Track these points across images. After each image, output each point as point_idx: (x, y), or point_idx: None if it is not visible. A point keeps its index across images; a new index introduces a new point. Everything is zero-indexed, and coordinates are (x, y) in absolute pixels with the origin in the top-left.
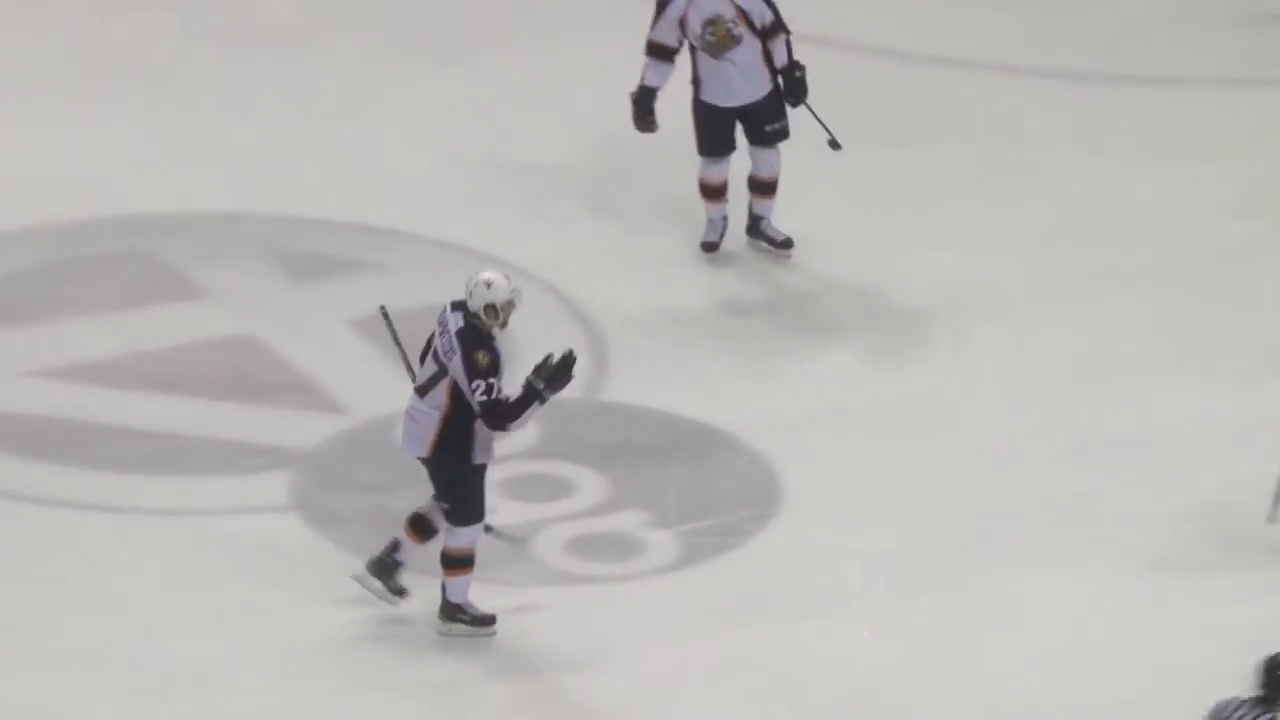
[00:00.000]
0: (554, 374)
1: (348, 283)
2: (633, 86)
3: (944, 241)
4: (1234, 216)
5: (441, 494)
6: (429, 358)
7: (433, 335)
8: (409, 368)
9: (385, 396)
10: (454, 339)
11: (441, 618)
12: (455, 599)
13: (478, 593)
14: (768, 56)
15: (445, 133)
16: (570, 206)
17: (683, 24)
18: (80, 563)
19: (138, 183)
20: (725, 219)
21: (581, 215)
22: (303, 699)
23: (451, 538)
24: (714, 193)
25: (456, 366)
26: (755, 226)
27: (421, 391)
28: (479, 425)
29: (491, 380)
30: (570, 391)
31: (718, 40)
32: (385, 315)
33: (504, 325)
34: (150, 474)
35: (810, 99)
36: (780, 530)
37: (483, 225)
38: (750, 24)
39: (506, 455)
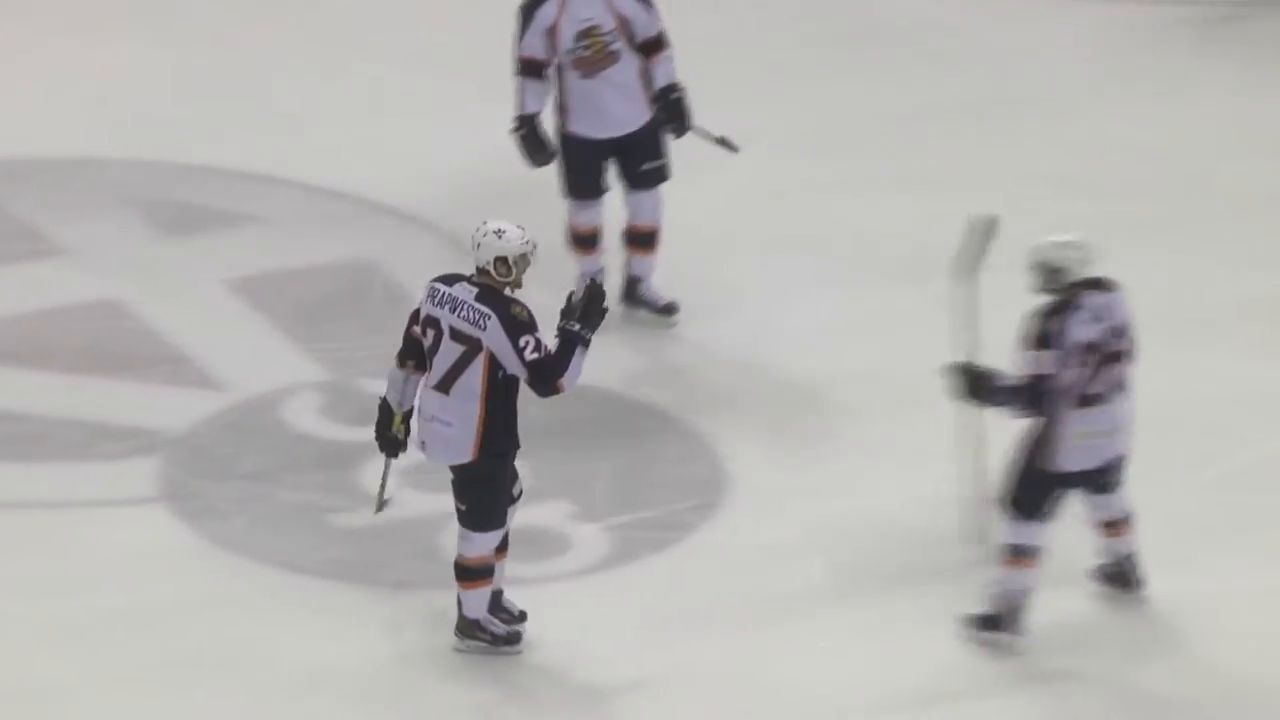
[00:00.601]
0: (585, 310)
1: (223, 238)
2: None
3: (924, 186)
4: (1256, 158)
5: (466, 494)
6: (446, 342)
7: (411, 331)
8: (383, 488)
9: (267, 371)
10: (477, 307)
11: (458, 634)
12: (472, 614)
13: (368, 596)
14: (646, 78)
15: (329, 65)
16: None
17: (552, 34)
18: None
19: None
20: (601, 272)
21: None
22: (171, 718)
23: (468, 545)
24: (586, 242)
25: (495, 333)
26: (633, 291)
27: (444, 387)
28: (518, 399)
29: (538, 335)
30: None
31: (593, 54)
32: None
33: (517, 285)
34: None
35: (694, 120)
36: (726, 524)
37: (370, 170)
38: (631, 37)
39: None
